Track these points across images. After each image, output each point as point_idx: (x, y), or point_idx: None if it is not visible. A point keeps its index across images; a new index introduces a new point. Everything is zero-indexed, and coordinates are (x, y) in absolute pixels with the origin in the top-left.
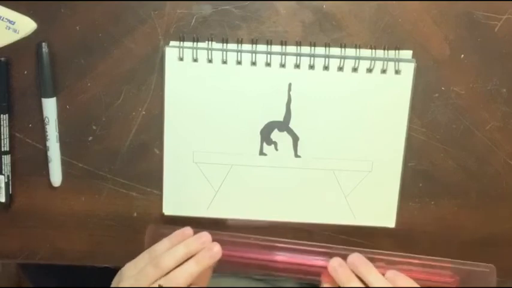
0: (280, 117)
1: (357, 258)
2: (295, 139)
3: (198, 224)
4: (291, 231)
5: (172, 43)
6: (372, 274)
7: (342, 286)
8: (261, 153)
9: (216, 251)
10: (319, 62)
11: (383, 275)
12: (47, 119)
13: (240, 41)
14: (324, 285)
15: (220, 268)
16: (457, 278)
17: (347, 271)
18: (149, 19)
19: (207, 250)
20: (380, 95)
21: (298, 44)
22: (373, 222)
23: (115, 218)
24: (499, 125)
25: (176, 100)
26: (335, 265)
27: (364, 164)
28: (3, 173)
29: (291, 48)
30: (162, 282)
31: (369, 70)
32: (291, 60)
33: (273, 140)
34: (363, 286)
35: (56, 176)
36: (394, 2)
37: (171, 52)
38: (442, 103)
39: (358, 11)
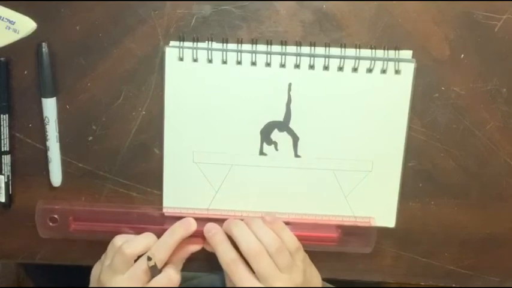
0: (280, 117)
1: (235, 221)
2: (295, 139)
3: (197, 224)
4: None
5: (172, 43)
6: (247, 235)
7: (215, 250)
8: (261, 153)
9: (191, 223)
10: (319, 62)
11: None
12: (47, 119)
13: (240, 41)
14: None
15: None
16: (340, 232)
17: (221, 234)
18: (149, 19)
19: (182, 222)
20: (380, 95)
21: (298, 44)
22: (373, 222)
23: None
24: (499, 125)
25: (176, 100)
26: (209, 228)
27: (364, 164)
28: (3, 173)
29: (291, 48)
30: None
31: (369, 70)
32: (291, 60)
33: (273, 140)
34: (230, 248)
35: (56, 176)
36: (394, 2)
37: (171, 52)
38: (442, 103)
39: (358, 11)
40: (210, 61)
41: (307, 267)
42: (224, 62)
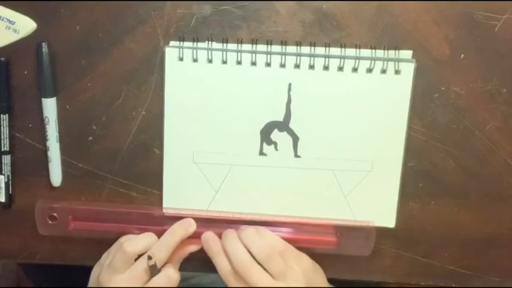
0: (280, 117)
1: (228, 232)
2: (295, 139)
3: (197, 224)
4: None
5: (172, 43)
6: (236, 247)
7: (212, 260)
8: (261, 153)
9: (190, 223)
10: (319, 62)
11: None
12: (47, 119)
13: (240, 41)
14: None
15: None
16: (339, 235)
17: (217, 245)
18: (149, 19)
19: (182, 222)
20: (380, 95)
21: (298, 44)
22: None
23: None
24: (499, 125)
25: (176, 100)
26: (207, 237)
27: (364, 164)
28: (3, 173)
29: (291, 48)
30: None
31: (369, 70)
32: (291, 60)
33: (273, 140)
34: (224, 259)
35: (56, 176)
36: (394, 2)
37: (171, 52)
38: (442, 103)
39: (358, 11)
40: (210, 61)
41: (308, 269)
42: (224, 62)
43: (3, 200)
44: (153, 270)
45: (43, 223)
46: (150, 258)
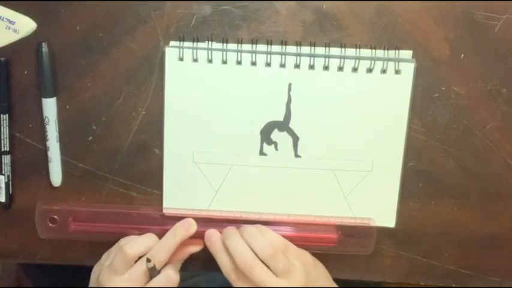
0: (280, 117)
1: (229, 230)
2: (295, 139)
3: (197, 224)
4: None
5: (172, 43)
6: (238, 245)
7: (215, 258)
8: (261, 153)
9: (191, 224)
10: (319, 62)
11: None
12: (47, 119)
13: (240, 41)
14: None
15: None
16: (340, 233)
17: (220, 242)
18: (149, 19)
19: (182, 223)
20: (380, 95)
21: (298, 44)
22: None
23: None
24: (499, 125)
25: (176, 100)
26: (210, 234)
27: (364, 164)
28: (3, 173)
29: (291, 48)
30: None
31: (369, 70)
32: (291, 60)
33: (273, 140)
34: (226, 256)
35: (56, 176)
36: (394, 2)
37: (171, 52)
38: (442, 103)
39: (358, 11)
40: (210, 61)
41: (310, 266)
42: (224, 62)
43: (3, 200)
44: (153, 272)
45: (43, 226)
46: (149, 260)
